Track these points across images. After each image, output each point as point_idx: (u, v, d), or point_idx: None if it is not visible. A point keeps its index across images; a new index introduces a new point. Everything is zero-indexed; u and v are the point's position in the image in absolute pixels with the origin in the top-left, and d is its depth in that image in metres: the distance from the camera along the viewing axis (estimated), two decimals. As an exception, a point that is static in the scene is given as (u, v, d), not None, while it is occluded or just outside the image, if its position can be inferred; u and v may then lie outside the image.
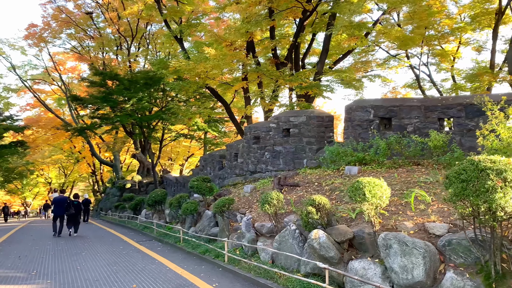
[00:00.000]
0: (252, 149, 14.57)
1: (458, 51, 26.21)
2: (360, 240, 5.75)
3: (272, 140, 13.55)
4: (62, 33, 36.72)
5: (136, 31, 32.26)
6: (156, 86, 23.85)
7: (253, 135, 14.52)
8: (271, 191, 7.71)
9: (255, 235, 8.59)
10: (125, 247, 12.61)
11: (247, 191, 11.82)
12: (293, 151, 12.80)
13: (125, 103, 25.22)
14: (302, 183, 9.86)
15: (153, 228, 15.51)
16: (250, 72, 17.75)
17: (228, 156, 16.52)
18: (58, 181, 62.94)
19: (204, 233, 11.52)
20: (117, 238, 15.31)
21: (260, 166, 14.16)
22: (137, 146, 34.47)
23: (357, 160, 9.54)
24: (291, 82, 15.46)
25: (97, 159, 41.59)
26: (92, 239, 15.24)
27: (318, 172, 10.25)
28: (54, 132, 43.81)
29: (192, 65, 18.83)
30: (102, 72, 24.92)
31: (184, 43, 23.52)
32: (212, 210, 11.89)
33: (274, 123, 13.47)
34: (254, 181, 13.78)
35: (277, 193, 7.71)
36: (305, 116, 12.44)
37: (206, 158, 19.54)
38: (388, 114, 10.71)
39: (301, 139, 12.54)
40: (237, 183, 14.84)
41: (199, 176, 12.92)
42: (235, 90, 22.96)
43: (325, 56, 16.79)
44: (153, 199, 16.91)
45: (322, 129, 12.31)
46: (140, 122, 25.39)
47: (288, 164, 12.95)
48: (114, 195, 32.92)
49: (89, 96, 25.52)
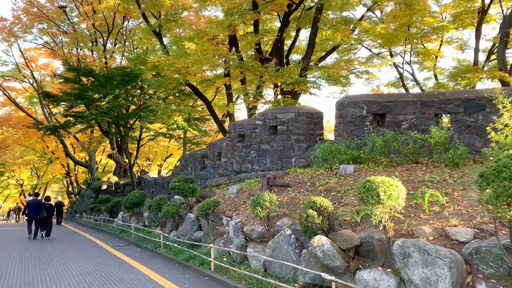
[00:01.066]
0: (237, 147, 13.84)
1: (440, 50, 26.15)
2: (369, 247, 5.11)
3: (258, 138, 12.86)
4: (33, 28, 35.01)
5: (112, 26, 30.97)
6: (134, 83, 22.78)
7: (238, 133, 13.79)
8: (263, 192, 7.01)
9: (244, 241, 7.87)
10: (100, 253, 11.69)
11: (233, 192, 11.08)
12: (281, 149, 12.14)
13: (100, 101, 24.04)
14: (293, 183, 9.20)
15: (131, 232, 14.60)
16: (233, 67, 17.01)
17: (211, 156, 15.74)
18: (30, 182, 60.55)
19: (186, 237, 10.72)
20: (91, 243, 14.33)
21: (245, 166, 13.44)
22: (114, 146, 33.19)
23: (352, 158, 8.94)
24: (276, 78, 14.80)
25: (71, 159, 39.96)
26: (65, 244, 14.21)
27: (309, 172, 9.61)
28: (25, 131, 41.92)
29: (172, 60, 17.95)
30: (76, 68, 23.66)
31: (163, 39, 22.58)
32: (195, 213, 11.12)
33: (260, 120, 12.78)
34: (240, 182, 13.05)
35: (269, 195, 7.02)
36: (293, 112, 11.80)
37: (187, 157, 18.69)
38: (382, 110, 10.17)
39: (290, 136, 11.89)
40: (221, 183, 14.08)
41: (180, 177, 12.11)
42: (217, 87, 22.20)
43: (311, 51, 16.21)
44: (130, 201, 15.97)
45: (311, 126, 11.69)
46: (117, 121, 24.26)
47: (276, 164, 12.28)
48: (89, 197, 31.59)
49: (62, 93, 24.21)
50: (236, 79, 19.54)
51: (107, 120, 26.75)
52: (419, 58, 26.09)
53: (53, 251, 12.41)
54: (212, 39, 17.40)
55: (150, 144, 42.60)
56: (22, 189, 59.20)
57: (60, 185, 61.22)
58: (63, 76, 25.09)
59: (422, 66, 26.08)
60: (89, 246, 13.28)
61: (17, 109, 43.38)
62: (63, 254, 11.79)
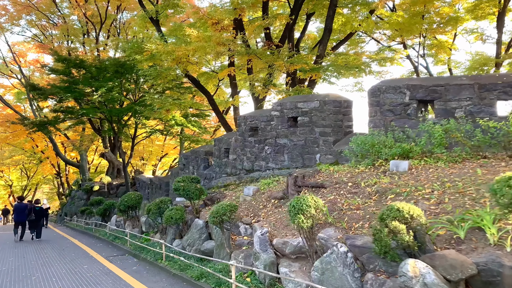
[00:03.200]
0: (248, 143, 12.11)
1: (454, 42, 24.66)
2: (491, 277, 3.40)
3: (274, 131, 11.13)
4: (21, 19, 33.00)
5: (105, 17, 29.05)
6: (128, 75, 20.95)
7: (250, 126, 12.05)
8: (306, 196, 5.29)
9: (274, 257, 6.14)
10: (91, 265, 9.90)
11: (249, 194, 9.34)
12: (302, 144, 10.42)
13: (92, 95, 22.15)
14: (328, 183, 7.48)
15: (126, 239, 12.80)
16: (241, 54, 15.26)
17: (217, 153, 13.98)
18: (20, 183, 58.34)
19: (193, 248, 8.97)
20: (81, 251, 12.51)
21: (258, 164, 11.71)
22: (106, 144, 31.27)
23: (403, 152, 7.24)
24: (291, 65, 13.09)
25: (61, 159, 37.93)
26: (50, 253, 12.38)
27: (346, 169, 7.90)
28: (13, 129, 39.88)
29: (171, 47, 16.21)
30: (66, 58, 21.74)
31: (160, 27, 20.76)
32: (203, 219, 9.36)
33: (277, 110, 11.05)
34: (252, 182, 11.32)
35: (314, 198, 5.30)
36: (318, 101, 10.09)
37: (188, 155, 16.91)
38: (429, 95, 8.49)
39: (313, 129, 10.17)
40: (229, 184, 12.32)
41: (185, 176, 10.34)
42: (219, 79, 20.45)
43: (328, 36, 14.52)
44: (125, 203, 14.19)
45: (339, 116, 9.98)
46: (110, 117, 22.39)
47: (295, 161, 10.56)
48: (80, 198, 29.66)
49: (50, 86, 22.31)
50: (241, 70, 17.84)
51: (99, 116, 24.89)
52: (432, 51, 24.60)
53: (36, 262, 10.60)
54: (216, 24, 15.65)
55: (144, 143, 40.70)
56: (11, 190, 57.06)
57: (50, 186, 59.07)
58: (51, 68, 23.17)
59: (436, 59, 24.53)
60: (78, 256, 11.47)
61: (5, 107, 41.29)
62: (46, 267, 9.99)
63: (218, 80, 21.41)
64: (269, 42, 15.85)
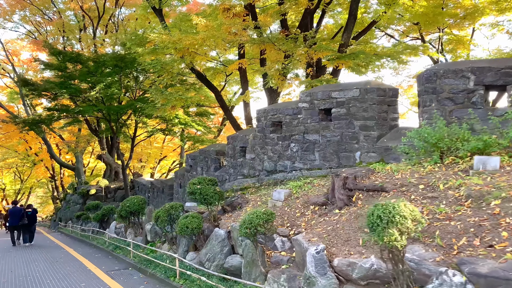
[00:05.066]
0: (269, 140, 10.60)
1: (472, 38, 23.33)
2: None
3: (302, 126, 9.63)
4: (15, 14, 31.36)
5: (103, 10, 27.50)
6: (128, 70, 19.41)
7: (271, 121, 10.55)
8: (399, 203, 3.78)
9: (337, 282, 4.64)
10: (89, 282, 8.37)
11: (279, 198, 7.82)
12: (338, 140, 8.92)
13: (89, 92, 20.58)
14: (389, 185, 5.99)
15: (129, 250, 11.24)
16: (254, 43, 13.77)
17: (231, 152, 12.46)
18: (13, 187, 56.54)
19: (214, 263, 7.44)
20: (77, 264, 10.94)
21: (282, 164, 10.20)
22: (104, 146, 29.63)
23: (484, 147, 5.77)
24: (317, 53, 11.62)
25: (56, 161, 36.20)
26: (42, 265, 10.80)
27: (408, 168, 6.40)
28: (5, 130, 38.19)
29: (177, 36, 14.70)
30: (61, 52, 20.17)
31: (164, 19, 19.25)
32: (226, 228, 7.83)
33: (305, 101, 9.56)
34: (276, 184, 9.81)
35: (408, 206, 3.80)
36: (357, 89, 8.60)
37: (195, 156, 15.36)
38: (501, 79, 7.03)
39: (351, 122, 8.68)
40: (246, 187, 10.79)
41: (201, 177, 8.82)
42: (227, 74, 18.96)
43: (353, 22, 13.08)
44: (127, 209, 12.66)
45: (384, 107, 8.50)
46: (108, 115, 20.81)
47: (329, 160, 9.06)
48: (76, 202, 27.97)
49: (43, 81, 20.72)
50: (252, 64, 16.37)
51: (97, 116, 23.32)
52: (447, 47, 23.24)
53: (24, 279, 9.02)
54: (227, 10, 14.17)
55: (142, 145, 39.09)
56: (4, 194, 55.25)
57: (44, 190, 57.22)
58: (45, 63, 21.58)
59: (455, 55, 23.15)
60: (74, 270, 9.90)
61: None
62: (37, 284, 8.43)
63: (225, 75, 19.90)
64: (285, 30, 14.39)
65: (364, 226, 5.12)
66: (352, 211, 5.89)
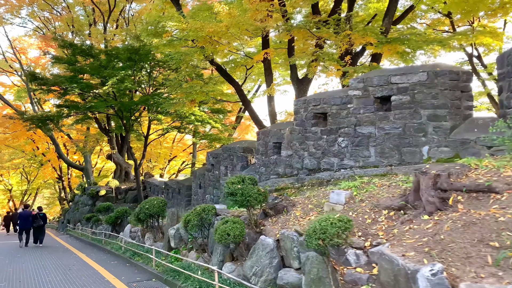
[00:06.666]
0: (311, 134, 9.33)
1: (504, 30, 21.97)
2: None
3: (353, 117, 8.36)
4: (22, 8, 30.33)
5: (114, 4, 26.35)
6: (143, 63, 18.24)
7: (314, 113, 9.28)
8: None
9: (468, 318, 3.38)
10: (109, 300, 7.16)
11: (339, 201, 6.55)
12: (399, 133, 7.64)
13: (100, 87, 19.42)
14: (499, 185, 4.71)
15: (150, 258, 10.05)
16: (287, 29, 12.54)
17: (262, 148, 11.20)
18: (20, 188, 55.74)
19: (262, 278, 6.20)
20: (93, 273, 9.74)
21: (327, 161, 8.93)
22: (114, 145, 28.46)
23: None
24: (363, 38, 10.33)
25: (64, 161, 35.16)
26: (53, 274, 9.60)
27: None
28: (13, 130, 37.24)
29: (199, 24, 13.50)
30: (72, 44, 19.07)
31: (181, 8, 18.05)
32: (274, 236, 6.57)
33: (357, 89, 8.29)
34: (321, 185, 8.54)
35: None
36: (424, 72, 7.32)
37: (217, 153, 14.12)
38: None
39: (417, 111, 7.40)
40: (283, 187, 9.53)
41: (238, 175, 7.58)
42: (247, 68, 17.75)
43: (394, 6, 11.79)
44: (146, 211, 11.47)
45: (457, 93, 7.21)
46: (121, 111, 19.65)
47: (388, 156, 7.79)
48: (85, 204, 26.84)
49: (52, 76, 19.60)
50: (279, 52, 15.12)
51: (107, 113, 22.19)
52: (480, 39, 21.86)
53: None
54: (254, -6, 12.97)
55: (152, 144, 38.01)
56: (11, 195, 54.43)
57: (51, 191, 56.30)
58: (55, 56, 20.46)
59: (489, 48, 21.76)
60: (90, 281, 8.68)
61: (4, 106, 38.64)
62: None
63: (245, 69, 18.67)
64: (316, 15, 13.15)
65: (490, 239, 3.87)
66: (453, 217, 4.61)
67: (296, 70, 14.49)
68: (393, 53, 11.03)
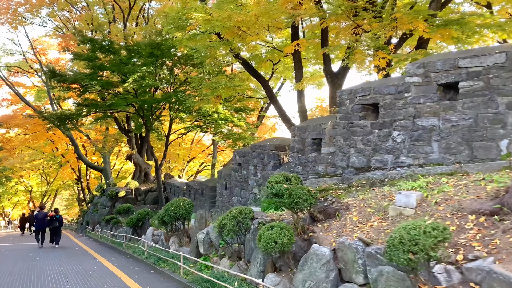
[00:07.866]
0: (358, 128, 8.31)
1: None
2: None
3: (412, 107, 7.30)
4: (43, 7, 30.02)
5: (134, 1, 25.77)
6: (165, 59, 17.48)
7: (362, 104, 8.26)
8: None
9: None
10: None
11: (408, 204, 5.51)
12: (469, 124, 6.57)
13: (120, 85, 18.73)
14: None
15: (177, 265, 9.18)
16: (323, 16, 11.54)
17: (298, 145, 10.21)
18: (39, 189, 56.01)
19: (318, 296, 5.21)
20: (116, 280, 8.88)
21: (379, 158, 7.89)
22: (133, 145, 27.84)
23: None
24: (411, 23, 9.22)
25: (83, 162, 34.78)
26: (73, 281, 8.76)
27: None
28: (32, 131, 37.15)
29: (226, 13, 12.62)
30: (92, 39, 18.46)
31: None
32: (329, 245, 5.58)
33: (416, 75, 7.23)
34: (372, 185, 7.49)
35: None
36: (502, 53, 6.24)
37: (246, 152, 13.19)
38: None
39: (492, 99, 6.32)
40: (325, 189, 8.52)
41: (282, 173, 6.60)
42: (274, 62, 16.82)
43: (444, -12, 10.74)
44: (172, 214, 10.62)
45: (543, 77, 6.11)
46: (142, 110, 18.92)
47: (455, 151, 6.71)
48: (104, 205, 26.25)
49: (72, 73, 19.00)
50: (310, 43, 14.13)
51: (128, 111, 21.51)
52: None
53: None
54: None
55: (171, 145, 37.43)
56: (31, 196, 54.71)
57: (70, 192, 56.38)
58: (74, 53, 19.89)
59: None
60: (113, 292, 7.82)
61: (24, 107, 38.60)
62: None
63: (272, 64, 17.72)
64: (353, 2, 12.12)
65: None
66: None
67: (330, 63, 13.47)
68: (446, 39, 9.93)
